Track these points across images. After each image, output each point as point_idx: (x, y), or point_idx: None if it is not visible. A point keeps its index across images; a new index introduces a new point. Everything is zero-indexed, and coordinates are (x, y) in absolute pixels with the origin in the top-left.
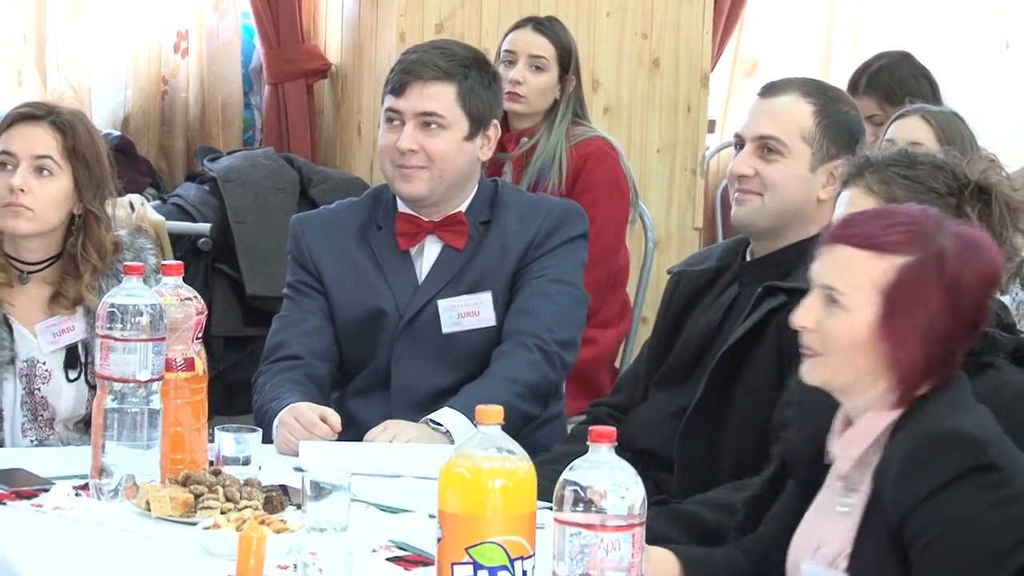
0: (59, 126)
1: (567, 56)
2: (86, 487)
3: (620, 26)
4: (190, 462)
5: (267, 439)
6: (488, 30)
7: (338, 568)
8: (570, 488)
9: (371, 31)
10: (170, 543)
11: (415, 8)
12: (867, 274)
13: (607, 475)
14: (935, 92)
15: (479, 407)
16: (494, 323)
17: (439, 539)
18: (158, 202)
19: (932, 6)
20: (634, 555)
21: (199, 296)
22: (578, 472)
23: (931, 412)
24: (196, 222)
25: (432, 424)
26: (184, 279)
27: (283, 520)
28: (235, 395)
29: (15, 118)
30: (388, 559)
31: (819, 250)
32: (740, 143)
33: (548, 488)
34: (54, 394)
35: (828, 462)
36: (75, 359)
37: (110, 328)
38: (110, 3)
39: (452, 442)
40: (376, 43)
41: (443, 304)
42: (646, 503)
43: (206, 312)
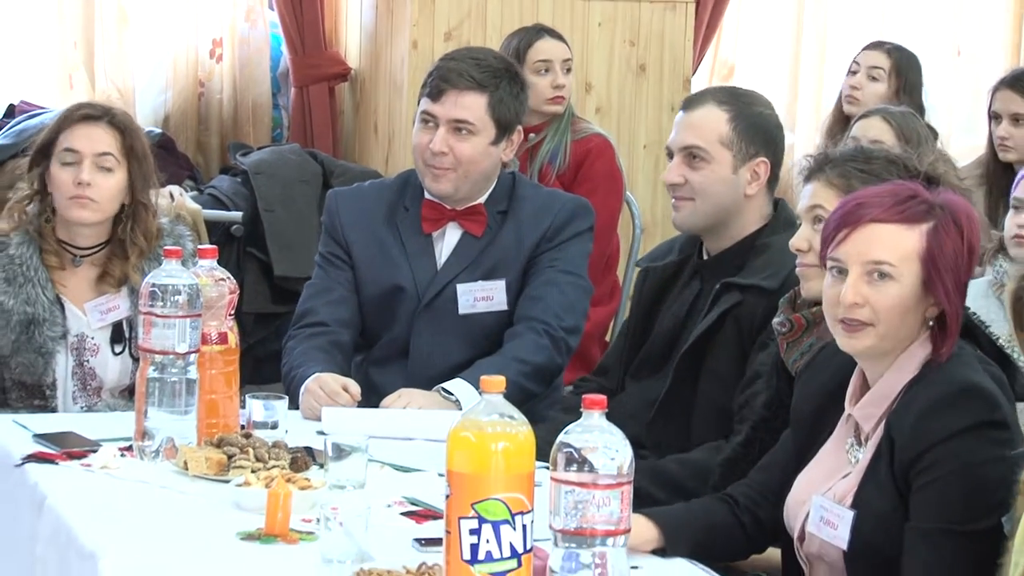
0: (116, 126)
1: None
2: (130, 448)
3: (611, 34)
4: (223, 426)
5: (293, 405)
6: (492, 37)
7: (356, 521)
8: (565, 450)
9: (386, 39)
10: (205, 498)
11: (426, 19)
12: (907, 244)
13: (599, 438)
14: None
15: (483, 377)
16: (506, 307)
17: (447, 495)
18: (195, 193)
19: (891, 16)
20: (622, 511)
21: (231, 277)
22: (572, 435)
23: (948, 368)
24: (229, 211)
25: (443, 393)
26: (218, 262)
27: (307, 478)
28: (264, 366)
29: (77, 118)
30: (402, 513)
31: (838, 234)
32: (670, 154)
33: (545, 450)
34: (101, 366)
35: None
36: (120, 334)
37: (151, 306)
38: (152, 13)
39: (460, 409)
40: (391, 50)
41: (461, 288)
42: (634, 464)
43: (238, 291)
